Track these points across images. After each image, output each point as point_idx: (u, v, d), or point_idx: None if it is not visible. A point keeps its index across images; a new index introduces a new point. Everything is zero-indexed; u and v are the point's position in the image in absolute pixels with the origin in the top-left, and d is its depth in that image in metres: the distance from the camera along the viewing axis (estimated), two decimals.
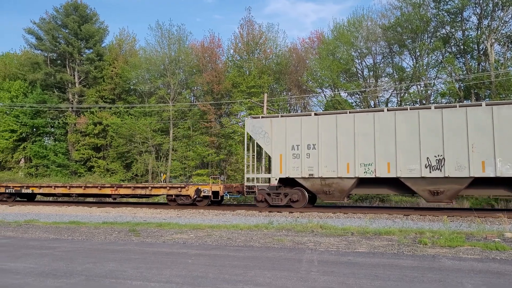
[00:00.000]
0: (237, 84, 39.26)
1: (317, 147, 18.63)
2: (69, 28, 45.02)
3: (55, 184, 25.10)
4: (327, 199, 18.83)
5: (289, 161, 19.16)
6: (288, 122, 19.48)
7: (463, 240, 9.74)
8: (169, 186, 21.77)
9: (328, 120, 18.71)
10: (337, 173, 18.17)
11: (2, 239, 11.04)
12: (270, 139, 19.82)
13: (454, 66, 32.85)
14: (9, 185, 25.19)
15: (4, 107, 43.99)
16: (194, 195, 20.80)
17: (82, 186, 23.74)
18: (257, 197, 19.84)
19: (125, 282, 6.30)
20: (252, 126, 20.47)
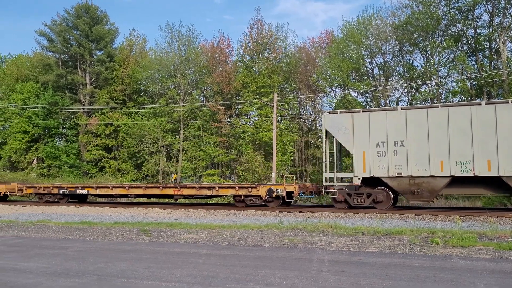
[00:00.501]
0: (246, 84, 39.28)
1: (405, 143, 17.51)
2: (80, 30, 45.41)
3: (112, 184, 24.55)
4: (414, 199, 17.84)
5: (374, 159, 18.02)
6: (372, 117, 18.30)
7: (475, 240, 9.65)
8: (238, 186, 20.83)
9: (417, 115, 17.56)
10: (429, 172, 17.06)
11: (15, 239, 11.16)
12: (351, 136, 18.62)
13: (466, 65, 32.54)
14: (63, 186, 24.73)
15: (17, 109, 44.47)
16: (265, 196, 19.94)
17: (142, 186, 22.89)
18: (336, 197, 18.86)
19: (136, 282, 6.34)
20: (331, 121, 19.29)
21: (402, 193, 17.91)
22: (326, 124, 19.59)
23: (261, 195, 20.02)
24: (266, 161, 37.30)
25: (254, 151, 37.56)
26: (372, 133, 18.16)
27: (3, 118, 45.47)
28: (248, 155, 36.69)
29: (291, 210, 18.84)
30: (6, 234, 12.14)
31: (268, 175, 34.59)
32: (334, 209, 19.29)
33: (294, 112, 43.12)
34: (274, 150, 30.26)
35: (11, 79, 48.36)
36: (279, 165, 35.56)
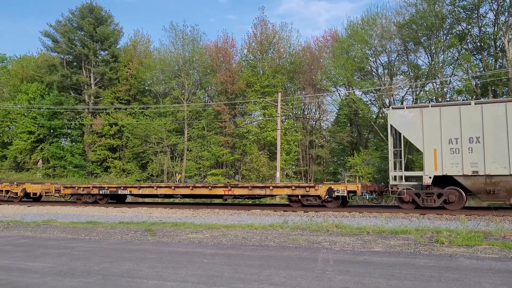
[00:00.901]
0: (251, 83, 39.30)
1: (482, 140, 16.59)
2: (84, 30, 45.59)
3: (157, 184, 23.58)
4: (489, 199, 16.85)
5: (446, 157, 17.04)
6: (444, 113, 17.28)
7: (481, 239, 9.61)
8: (294, 186, 20.07)
9: (495, 109, 16.63)
10: (509, 170, 16.14)
11: (21, 239, 11.20)
12: (420, 132, 17.65)
13: (471, 63, 32.42)
14: (103, 186, 23.97)
15: (22, 109, 44.66)
16: (325, 195, 19.18)
17: (190, 186, 21.77)
18: (404, 197, 17.75)
19: (141, 281, 6.35)
20: (397, 117, 18.35)
21: (476, 192, 17.01)
22: (391, 120, 18.55)
23: (319, 195, 19.32)
24: (270, 160, 37.31)
25: (259, 150, 37.58)
26: (444, 129, 17.24)
27: (9, 118, 45.70)
28: (253, 155, 36.71)
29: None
30: (11, 234, 12.19)
31: (273, 175, 34.61)
32: (339, 208, 19.19)
33: (299, 112, 43.10)
34: (279, 149, 30.26)
35: (16, 80, 48.60)
36: (284, 165, 35.56)
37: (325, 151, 40.67)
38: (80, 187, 24.45)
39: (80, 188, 24.29)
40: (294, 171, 40.68)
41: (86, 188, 24.04)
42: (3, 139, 47.43)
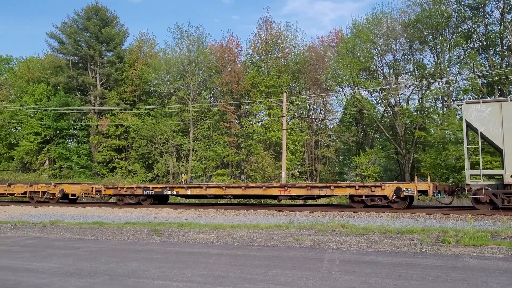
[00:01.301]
0: (256, 84, 39.30)
1: None
2: (90, 32, 45.79)
3: (206, 184, 22.80)
4: None
5: None
6: None
7: (488, 239, 9.56)
8: (358, 185, 19.22)
9: None
10: None
11: (28, 240, 11.26)
12: (499, 128, 16.60)
13: (477, 62, 32.25)
14: (148, 186, 23.19)
15: (29, 110, 44.91)
16: (392, 196, 18.29)
17: (242, 186, 20.95)
18: (480, 197, 16.75)
19: (147, 282, 6.37)
20: (473, 112, 17.29)
21: None
22: (467, 115, 17.43)
23: (386, 195, 18.47)
24: (276, 160, 37.30)
25: (264, 150, 37.57)
26: None
27: (15, 119, 45.97)
28: (258, 155, 36.71)
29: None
30: (19, 235, 12.26)
31: (278, 175, 34.59)
32: (347, 208, 19.07)
33: (304, 112, 43.05)
34: (284, 149, 30.25)
35: (22, 81, 48.89)
36: (289, 165, 35.54)
37: (331, 151, 40.61)
38: (123, 187, 23.62)
39: (122, 188, 23.48)
40: (300, 171, 40.65)
41: (130, 189, 23.29)
42: (10, 140, 47.72)
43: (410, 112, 36.68)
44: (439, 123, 34.75)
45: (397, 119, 36.22)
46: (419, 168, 35.09)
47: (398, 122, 36.12)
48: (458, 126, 30.78)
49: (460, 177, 28.02)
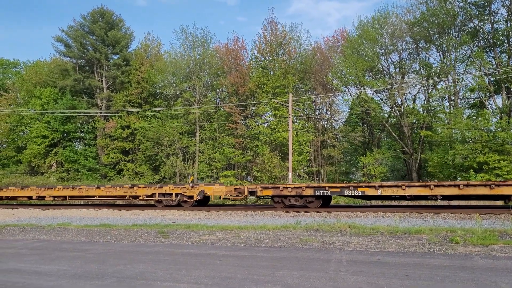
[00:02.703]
0: (261, 85, 39.31)
1: None
2: (96, 35, 46.00)
3: (406, 183, 18.23)
4: None
5: None
6: None
7: (496, 238, 9.50)
8: None
9: None
10: None
11: (36, 242, 11.33)
12: None
13: (483, 60, 32.06)
14: (322, 186, 19.25)
15: (36, 114, 45.19)
16: None
17: (459, 184, 17.29)
18: None
19: (155, 283, 6.39)
20: None
21: None
22: None
23: None
24: (282, 161, 37.27)
25: (270, 151, 37.56)
26: None
27: (23, 123, 46.26)
28: (264, 156, 36.70)
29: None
30: (27, 238, 12.34)
31: (285, 176, 34.57)
32: (354, 208, 18.98)
33: (310, 112, 43.00)
34: (290, 150, 30.22)
35: (30, 85, 49.18)
36: (296, 165, 35.50)
37: (337, 151, 40.53)
38: (287, 187, 19.74)
39: (286, 188, 19.66)
40: (306, 171, 40.59)
41: (296, 189, 19.46)
42: (17, 143, 48.03)
43: (417, 112, 36.53)
44: (446, 122, 34.58)
45: (404, 118, 36.08)
46: (426, 167, 34.95)
47: (404, 121, 35.99)
48: (465, 124, 30.66)
49: (468, 176, 27.89)
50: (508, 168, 27.84)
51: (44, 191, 25.61)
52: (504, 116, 30.66)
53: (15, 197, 26.69)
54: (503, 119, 30.26)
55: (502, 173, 27.65)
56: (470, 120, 31.99)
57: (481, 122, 30.60)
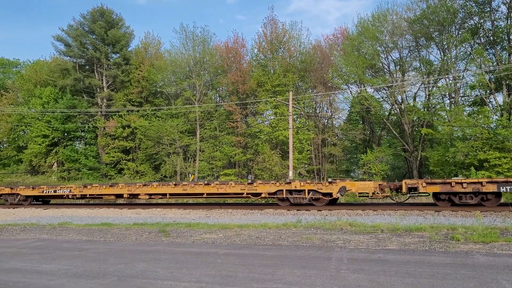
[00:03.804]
0: (262, 83, 39.28)
1: None
2: (96, 34, 45.97)
3: None
4: None
5: None
6: None
7: (497, 236, 9.50)
8: None
9: None
10: None
11: (37, 242, 11.34)
12: None
13: (484, 58, 32.00)
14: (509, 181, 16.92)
15: (36, 113, 45.19)
16: None
17: None
18: None
19: (156, 282, 6.39)
20: None
21: None
22: None
23: None
24: (283, 159, 37.26)
25: (271, 150, 37.53)
26: None
27: (23, 123, 46.27)
28: (265, 154, 36.68)
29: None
30: (28, 237, 12.35)
31: (285, 174, 34.56)
32: (354, 206, 18.98)
33: (310, 110, 42.98)
34: (291, 148, 30.21)
35: (30, 85, 49.17)
36: (296, 164, 35.49)
37: (338, 149, 40.49)
38: (460, 182, 17.59)
39: (459, 184, 17.52)
40: (307, 169, 40.57)
41: (473, 185, 17.43)
42: (18, 143, 48.04)
43: (417, 109, 36.49)
44: (446, 119, 34.55)
45: (404, 116, 36.06)
46: (427, 165, 34.91)
47: (405, 119, 35.96)
48: (466, 122, 30.63)
49: (469, 173, 27.86)
50: (509, 166, 27.81)
51: (138, 188, 23.47)
52: (504, 114, 30.63)
53: (100, 195, 24.84)
54: (503, 116, 30.23)
55: (502, 170, 27.64)
56: (470, 117, 31.96)
57: (481, 120, 30.56)
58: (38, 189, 25.70)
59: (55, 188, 25.48)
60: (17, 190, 26.27)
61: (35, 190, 25.73)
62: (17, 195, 26.22)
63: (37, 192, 25.65)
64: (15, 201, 26.20)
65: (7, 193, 26.45)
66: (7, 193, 26.45)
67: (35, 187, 25.98)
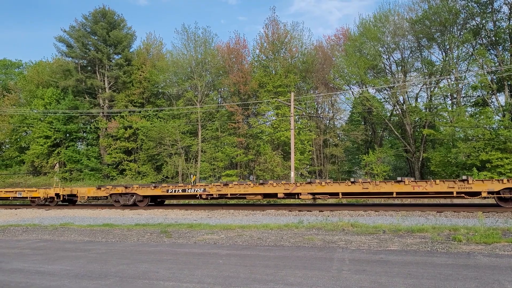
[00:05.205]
0: (263, 84, 39.29)
1: None
2: (98, 35, 46.04)
3: None
4: None
5: None
6: None
7: (499, 237, 9.48)
8: None
9: None
10: None
11: (39, 242, 11.36)
12: None
13: (486, 58, 31.96)
14: None
15: (38, 114, 45.27)
16: None
17: None
18: None
19: (157, 283, 6.39)
20: None
21: None
22: None
23: None
24: (284, 160, 37.25)
25: (272, 150, 37.54)
26: None
27: (26, 123, 46.35)
28: (267, 155, 36.68)
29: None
30: (30, 238, 12.37)
31: (287, 175, 34.54)
32: (356, 207, 18.95)
33: (312, 111, 42.96)
34: (292, 149, 30.20)
35: (32, 85, 49.27)
36: (298, 164, 35.47)
37: (340, 150, 40.48)
38: None
39: None
40: (309, 170, 40.56)
41: None
42: (20, 144, 48.14)
43: (419, 110, 36.46)
44: (448, 120, 34.51)
45: (406, 117, 36.03)
46: (428, 166, 34.87)
47: (407, 120, 35.93)
48: (467, 123, 30.58)
49: (471, 174, 27.82)
50: (511, 166, 27.77)
51: (299, 187, 19.84)
52: (506, 114, 30.58)
53: (244, 195, 21.44)
54: (505, 117, 30.18)
55: (505, 171, 27.58)
56: (472, 118, 31.91)
57: (483, 120, 30.51)
58: (161, 188, 22.87)
59: (184, 187, 22.47)
60: (132, 190, 23.49)
61: (157, 190, 22.94)
62: (132, 195, 23.48)
63: (160, 191, 22.86)
64: (129, 202, 23.48)
65: (120, 192, 23.69)
66: (120, 192, 23.69)
67: (157, 186, 23.13)
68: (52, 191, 25.39)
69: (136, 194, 23.38)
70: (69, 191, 25.60)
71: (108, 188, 24.36)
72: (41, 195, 25.38)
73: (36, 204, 25.72)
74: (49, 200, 25.46)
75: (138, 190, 23.32)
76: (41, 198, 25.40)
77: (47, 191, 25.51)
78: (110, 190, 24.12)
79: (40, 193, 25.46)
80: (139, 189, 23.37)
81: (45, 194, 25.35)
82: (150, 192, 23.13)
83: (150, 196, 23.54)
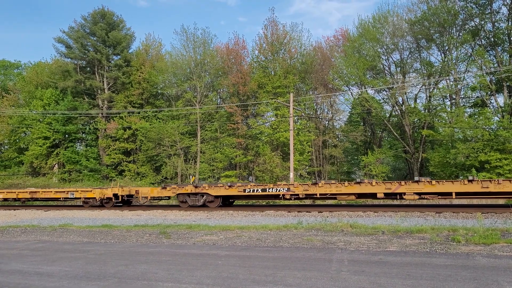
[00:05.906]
0: (262, 84, 39.30)
1: None
2: (97, 36, 46.01)
3: None
4: None
5: None
6: None
7: (498, 237, 9.48)
8: None
9: None
10: None
11: (38, 243, 11.34)
12: None
13: (485, 59, 32.00)
14: None
15: (37, 115, 45.23)
16: None
17: None
18: None
19: (156, 284, 6.38)
20: None
21: None
22: None
23: None
24: (283, 161, 37.25)
25: (272, 151, 37.54)
26: None
27: (25, 124, 46.31)
28: (266, 156, 36.69)
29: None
30: (29, 239, 12.36)
31: (286, 176, 34.54)
32: (356, 208, 18.97)
33: (311, 112, 42.98)
34: (292, 150, 30.19)
35: (31, 86, 49.25)
36: (297, 165, 35.47)
37: (339, 151, 40.49)
38: None
39: None
40: (308, 171, 40.56)
41: None
42: (19, 145, 48.10)
43: (418, 111, 36.49)
44: (447, 121, 34.54)
45: (405, 117, 36.05)
46: (428, 166, 34.89)
47: (406, 120, 35.95)
48: (466, 123, 30.60)
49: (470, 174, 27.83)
50: (510, 167, 27.79)
51: (403, 186, 18.35)
52: (505, 115, 30.61)
53: (335, 195, 19.87)
54: (504, 117, 30.21)
55: (504, 171, 27.61)
56: (471, 119, 31.94)
57: (482, 121, 30.55)
58: (236, 188, 21.32)
59: (264, 186, 21.03)
60: (203, 189, 22.08)
61: (232, 189, 21.37)
62: (202, 195, 22.13)
63: (236, 191, 21.28)
64: (199, 203, 22.16)
65: (189, 192, 22.40)
66: (189, 192, 22.40)
67: (232, 185, 21.61)
68: (109, 191, 24.23)
69: (207, 194, 21.98)
70: (127, 191, 24.74)
71: (174, 188, 23.14)
72: (97, 196, 24.09)
73: (89, 205, 24.54)
74: (105, 201, 24.35)
75: (209, 190, 21.91)
76: (97, 199, 24.10)
77: (103, 191, 24.34)
78: (177, 189, 22.92)
79: (95, 193, 24.18)
80: (211, 189, 21.93)
81: (102, 195, 24.14)
82: (223, 192, 21.67)
83: (223, 196, 22.19)
